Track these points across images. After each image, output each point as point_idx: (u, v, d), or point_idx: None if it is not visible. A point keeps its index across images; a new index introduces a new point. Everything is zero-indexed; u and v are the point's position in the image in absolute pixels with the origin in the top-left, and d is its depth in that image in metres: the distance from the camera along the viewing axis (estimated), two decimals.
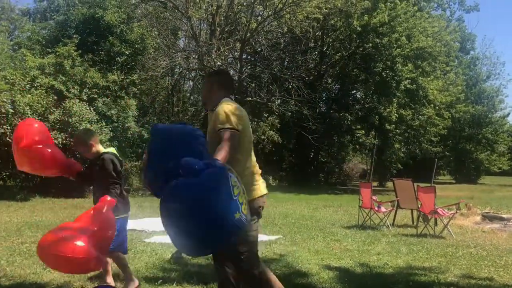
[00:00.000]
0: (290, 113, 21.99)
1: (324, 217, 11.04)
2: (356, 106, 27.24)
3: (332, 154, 28.83)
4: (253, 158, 3.27)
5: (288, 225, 9.21)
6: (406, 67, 22.86)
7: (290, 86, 21.99)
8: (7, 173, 13.44)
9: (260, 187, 3.21)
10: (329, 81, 28.20)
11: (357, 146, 30.11)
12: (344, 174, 31.87)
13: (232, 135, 2.93)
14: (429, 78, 24.09)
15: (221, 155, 2.75)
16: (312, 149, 26.84)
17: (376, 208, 9.47)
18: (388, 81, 23.12)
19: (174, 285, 4.33)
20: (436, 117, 25.90)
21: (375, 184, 22.54)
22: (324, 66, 25.90)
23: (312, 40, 25.07)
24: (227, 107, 3.05)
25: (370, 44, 22.61)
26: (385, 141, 25.96)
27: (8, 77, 13.63)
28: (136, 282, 4.07)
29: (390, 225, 9.20)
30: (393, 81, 23.13)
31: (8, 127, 12.18)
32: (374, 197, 9.68)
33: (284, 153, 27.66)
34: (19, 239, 6.67)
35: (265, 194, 3.23)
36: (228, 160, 2.77)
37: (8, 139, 12.12)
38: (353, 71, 25.63)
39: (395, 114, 23.28)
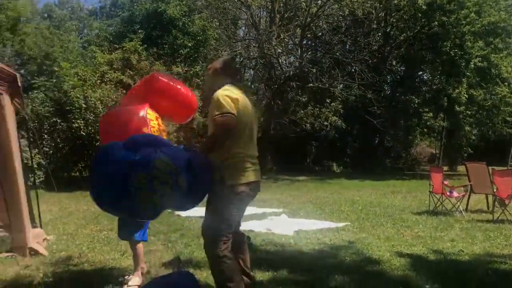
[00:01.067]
0: (353, 98, 21.51)
1: (392, 203, 10.73)
2: (423, 88, 26.18)
3: (398, 139, 27.89)
4: (250, 144, 3.29)
5: (355, 212, 9.03)
6: (477, 44, 21.63)
7: (353, 70, 21.48)
8: (83, 165, 14.16)
9: (247, 174, 3.21)
10: (394, 63, 27.24)
11: (425, 130, 29.01)
12: (411, 159, 30.76)
13: (224, 120, 3.03)
14: (502, 55, 22.65)
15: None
16: (377, 134, 26.18)
17: (448, 193, 9.06)
18: (456, 60, 22.01)
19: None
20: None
21: (445, 168, 21.59)
22: (388, 48, 25.05)
23: (375, 22, 24.26)
24: (222, 92, 3.13)
25: (437, 23, 21.58)
26: (455, 124, 24.82)
27: (80, 74, 14.31)
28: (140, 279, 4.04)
29: (463, 210, 8.78)
30: (462, 60, 21.99)
31: (82, 122, 12.80)
32: (445, 182, 9.27)
33: (348, 139, 27.17)
34: (97, 226, 7.00)
35: (252, 182, 3.23)
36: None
37: (82, 132, 12.78)
38: (419, 52, 24.59)
39: (465, 95, 22.16)
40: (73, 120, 12.76)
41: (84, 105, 13.07)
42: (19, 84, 5.18)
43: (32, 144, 8.71)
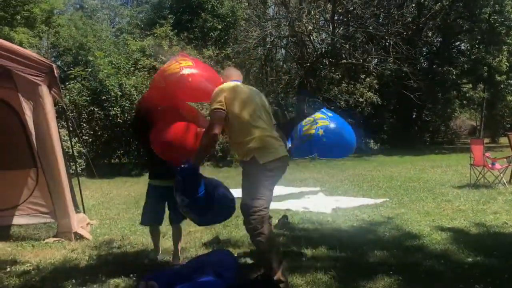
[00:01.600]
0: (388, 72, 20.98)
1: (432, 178, 10.52)
2: (461, 59, 25.31)
3: (437, 112, 27.17)
4: (269, 125, 3.46)
5: (394, 188, 8.91)
6: None
7: (387, 44, 20.91)
8: (121, 152, 14.46)
9: (276, 151, 3.34)
10: (430, 34, 26.39)
11: (464, 102, 28.17)
12: (451, 133, 30.02)
13: (211, 116, 3.33)
14: None
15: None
16: (414, 108, 25.58)
17: (490, 165, 8.80)
18: (496, 27, 21.13)
19: (284, 249, 4.38)
20: None
21: (486, 140, 20.91)
22: (423, 19, 24.25)
23: None
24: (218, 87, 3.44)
25: None
26: (496, 94, 24.02)
27: (114, 62, 14.50)
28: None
29: (506, 182, 8.52)
30: (502, 27, 21.11)
31: (118, 109, 13.03)
32: (487, 154, 8.98)
33: (384, 115, 26.61)
34: (138, 210, 7.14)
35: (281, 157, 3.35)
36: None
37: (119, 120, 13.02)
38: (455, 21, 23.74)
39: (506, 63, 21.29)
40: (110, 108, 13.00)
41: (119, 93, 13.28)
42: (56, 74, 5.30)
43: (71, 133, 8.94)
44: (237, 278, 2.91)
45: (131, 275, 3.76)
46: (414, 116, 26.76)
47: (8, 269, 4.05)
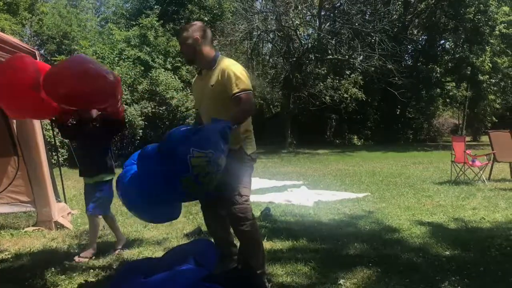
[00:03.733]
0: (373, 69, 21.13)
1: (413, 174, 10.65)
2: (446, 57, 25.64)
3: (420, 110, 27.48)
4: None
5: (375, 183, 9.00)
6: (502, 10, 20.95)
7: (373, 40, 21.04)
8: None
9: (254, 144, 3.33)
10: (415, 32, 26.67)
11: (448, 100, 28.51)
12: (434, 130, 30.35)
13: (250, 96, 3.07)
14: None
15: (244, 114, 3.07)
16: (398, 105, 25.84)
17: (470, 162, 8.94)
18: (480, 27, 21.43)
19: (265, 240, 4.40)
20: None
21: (468, 139, 21.27)
22: (409, 16, 24.49)
23: None
24: (237, 68, 3.13)
25: None
26: (478, 93, 24.34)
27: (98, 52, 14.39)
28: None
29: (486, 179, 8.67)
30: (486, 26, 21.41)
31: None
32: (467, 151, 9.13)
33: (368, 111, 26.84)
34: (119, 201, 7.11)
35: (256, 151, 3.33)
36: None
37: None
38: (441, 20, 24.00)
39: (489, 63, 21.60)
40: None
41: None
42: (38, 60, 5.23)
43: (54, 122, 8.85)
44: (217, 268, 2.92)
45: (112, 264, 3.76)
46: (397, 113, 27.02)
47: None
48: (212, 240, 3.56)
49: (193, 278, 2.51)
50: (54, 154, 8.60)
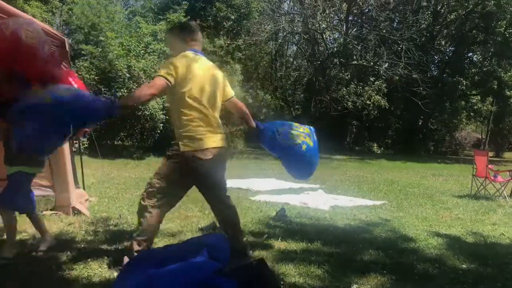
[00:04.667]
0: (398, 77, 20.94)
1: (432, 185, 10.51)
2: (472, 70, 25.22)
3: (443, 121, 27.08)
4: (204, 111, 3.32)
5: (393, 192, 8.90)
6: None
7: (399, 48, 20.86)
8: (125, 134, 14.49)
9: (204, 140, 3.28)
10: (443, 42, 26.31)
11: (472, 113, 28.07)
12: (455, 143, 29.90)
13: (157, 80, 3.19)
14: None
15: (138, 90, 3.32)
16: (421, 115, 25.51)
17: (492, 177, 8.76)
18: (511, 41, 20.98)
19: (279, 240, 4.39)
20: None
21: (491, 154, 20.83)
22: (438, 27, 24.17)
23: None
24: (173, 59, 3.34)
25: (492, 1, 20.54)
26: (504, 108, 23.92)
27: (124, 44, 14.50)
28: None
29: (507, 196, 8.49)
30: None
31: (125, 91, 13.04)
32: (490, 166, 8.96)
33: (390, 119, 26.60)
34: (137, 191, 7.17)
35: (205, 149, 3.27)
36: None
37: None
38: (470, 32, 23.63)
39: None
40: (117, 89, 13.02)
41: (127, 75, 13.28)
42: (67, 49, 5.30)
43: None
44: (230, 262, 2.91)
45: (126, 252, 3.78)
46: (420, 124, 26.68)
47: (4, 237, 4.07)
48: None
49: (206, 270, 2.50)
50: (75, 142, 8.71)
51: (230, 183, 8.60)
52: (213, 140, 3.32)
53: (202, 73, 3.34)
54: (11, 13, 4.68)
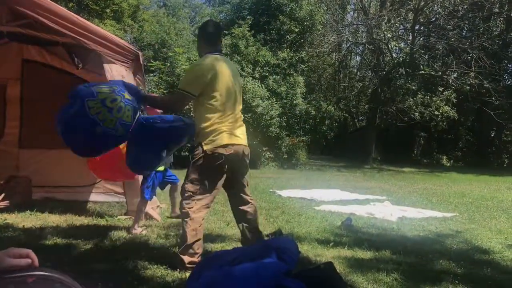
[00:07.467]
0: (468, 87, 20.09)
1: (507, 198, 9.95)
2: None
3: None
4: (228, 111, 3.44)
5: (464, 204, 8.53)
6: None
7: (469, 57, 20.04)
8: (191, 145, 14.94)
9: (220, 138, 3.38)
10: None
11: None
12: None
13: (178, 97, 3.52)
14: None
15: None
16: (494, 127, 24.26)
17: None
18: None
19: (346, 248, 4.37)
20: None
21: None
22: (511, 34, 22.99)
23: (497, 5, 22.30)
24: (190, 66, 3.39)
25: None
26: None
27: (192, 59, 15.04)
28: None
29: None
30: None
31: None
32: None
33: (460, 131, 25.54)
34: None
35: (224, 145, 3.37)
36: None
37: (191, 114, 13.50)
38: None
39: None
40: None
41: None
42: (141, 62, 5.62)
43: None
44: (298, 265, 2.95)
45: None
46: (492, 135, 25.39)
47: (84, 238, 4.36)
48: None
49: (276, 271, 2.56)
50: None
51: (293, 193, 8.71)
52: (235, 137, 3.45)
53: (226, 72, 3.47)
54: (90, 30, 5.05)
